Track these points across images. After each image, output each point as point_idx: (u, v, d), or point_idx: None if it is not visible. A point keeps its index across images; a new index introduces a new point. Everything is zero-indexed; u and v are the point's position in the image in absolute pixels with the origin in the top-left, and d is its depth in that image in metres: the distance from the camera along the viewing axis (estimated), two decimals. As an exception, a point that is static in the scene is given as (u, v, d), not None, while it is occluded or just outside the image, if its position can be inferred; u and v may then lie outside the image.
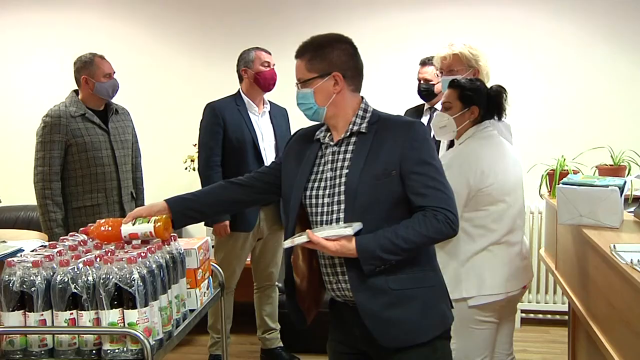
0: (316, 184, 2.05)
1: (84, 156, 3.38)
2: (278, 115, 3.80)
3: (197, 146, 3.79)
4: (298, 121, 3.90)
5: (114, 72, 3.48)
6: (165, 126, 4.86)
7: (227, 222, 3.61)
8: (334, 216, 1.99)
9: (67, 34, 4.87)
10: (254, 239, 3.75)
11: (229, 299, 3.77)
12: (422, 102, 4.11)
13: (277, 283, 3.95)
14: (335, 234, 1.89)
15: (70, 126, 3.35)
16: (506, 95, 2.70)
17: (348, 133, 2.04)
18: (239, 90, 3.72)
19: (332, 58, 2.00)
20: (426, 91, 3.96)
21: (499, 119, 2.72)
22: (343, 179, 1.98)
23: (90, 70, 3.40)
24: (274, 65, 3.66)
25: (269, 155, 3.66)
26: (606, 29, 4.40)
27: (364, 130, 2.01)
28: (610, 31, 4.39)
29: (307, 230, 1.92)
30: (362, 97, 2.09)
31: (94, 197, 3.41)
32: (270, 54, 3.68)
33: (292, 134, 3.91)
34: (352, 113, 2.04)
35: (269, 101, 3.78)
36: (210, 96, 4.74)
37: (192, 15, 4.82)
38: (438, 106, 4.01)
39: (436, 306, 2.02)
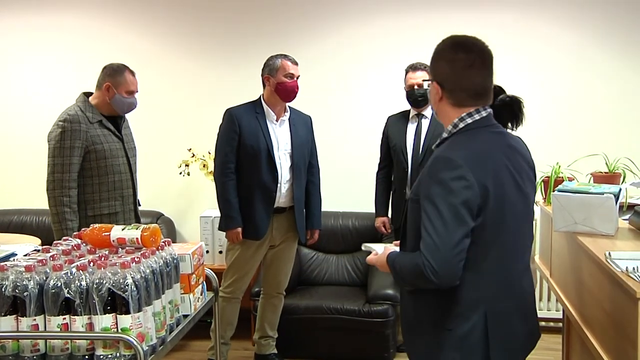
0: None
1: (102, 163, 3.27)
2: (299, 124, 3.72)
3: (213, 151, 3.71)
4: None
5: (137, 91, 3.40)
6: (159, 130, 4.84)
7: (240, 229, 3.58)
8: None
9: (64, 37, 4.85)
10: (266, 247, 3.71)
11: (235, 307, 3.74)
12: (404, 108, 4.04)
13: (284, 292, 3.89)
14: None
15: (89, 132, 3.24)
16: (517, 107, 2.63)
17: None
18: (260, 96, 3.66)
19: (435, 66, 1.94)
20: (422, 96, 3.86)
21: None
22: None
23: (117, 81, 3.30)
24: (298, 77, 3.58)
25: (283, 164, 3.61)
26: (602, 36, 4.42)
27: (432, 149, 1.98)
28: (605, 38, 4.41)
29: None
30: (465, 113, 1.91)
31: (111, 205, 3.31)
32: (297, 64, 3.59)
33: (314, 141, 3.83)
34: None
35: (291, 108, 3.71)
36: (205, 100, 4.79)
37: (188, 19, 4.81)
38: (426, 112, 3.96)
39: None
